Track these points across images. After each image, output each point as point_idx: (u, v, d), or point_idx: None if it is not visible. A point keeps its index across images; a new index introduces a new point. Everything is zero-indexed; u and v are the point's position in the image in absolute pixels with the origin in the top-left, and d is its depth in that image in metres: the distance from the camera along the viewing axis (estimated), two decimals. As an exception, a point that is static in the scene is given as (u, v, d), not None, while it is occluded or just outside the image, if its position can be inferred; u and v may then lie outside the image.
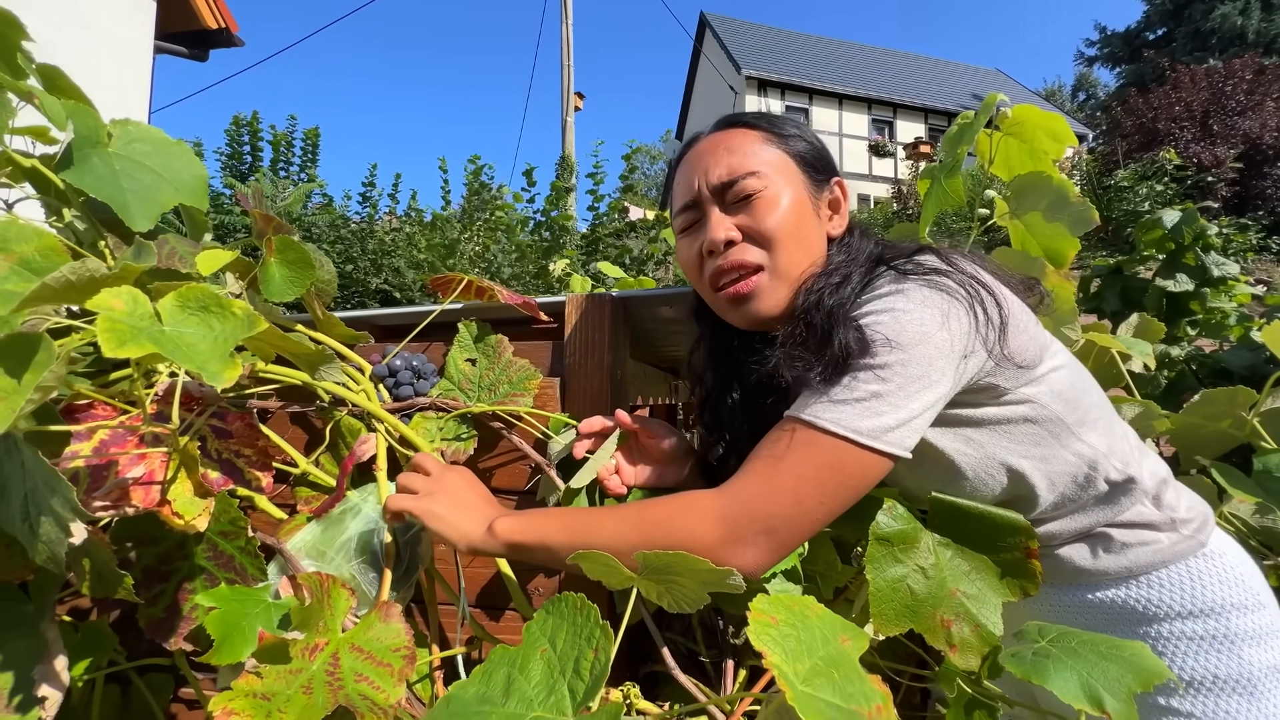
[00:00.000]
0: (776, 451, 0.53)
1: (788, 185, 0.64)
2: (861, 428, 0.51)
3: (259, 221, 0.73)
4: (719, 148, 0.66)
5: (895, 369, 0.52)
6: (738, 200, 0.64)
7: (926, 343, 0.53)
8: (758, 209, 0.63)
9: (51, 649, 0.51)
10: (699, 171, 0.66)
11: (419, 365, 0.78)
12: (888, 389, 0.52)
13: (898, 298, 0.56)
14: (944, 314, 0.54)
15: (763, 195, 0.63)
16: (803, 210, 0.65)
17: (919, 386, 0.52)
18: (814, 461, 0.52)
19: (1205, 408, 1.04)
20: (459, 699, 0.35)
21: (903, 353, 0.52)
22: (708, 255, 0.65)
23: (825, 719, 0.28)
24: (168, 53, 5.30)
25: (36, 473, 0.35)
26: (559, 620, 0.37)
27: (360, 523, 0.67)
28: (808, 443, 0.52)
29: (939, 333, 0.53)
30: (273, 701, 0.40)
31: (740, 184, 0.63)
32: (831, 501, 0.52)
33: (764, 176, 0.64)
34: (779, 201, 0.63)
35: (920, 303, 0.55)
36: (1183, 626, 0.61)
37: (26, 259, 0.43)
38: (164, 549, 0.54)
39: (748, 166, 0.64)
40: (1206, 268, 1.26)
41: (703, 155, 0.67)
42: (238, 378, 0.39)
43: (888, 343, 0.53)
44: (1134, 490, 0.63)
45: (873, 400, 0.52)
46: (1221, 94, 11.23)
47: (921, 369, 0.52)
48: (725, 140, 0.67)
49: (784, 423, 0.55)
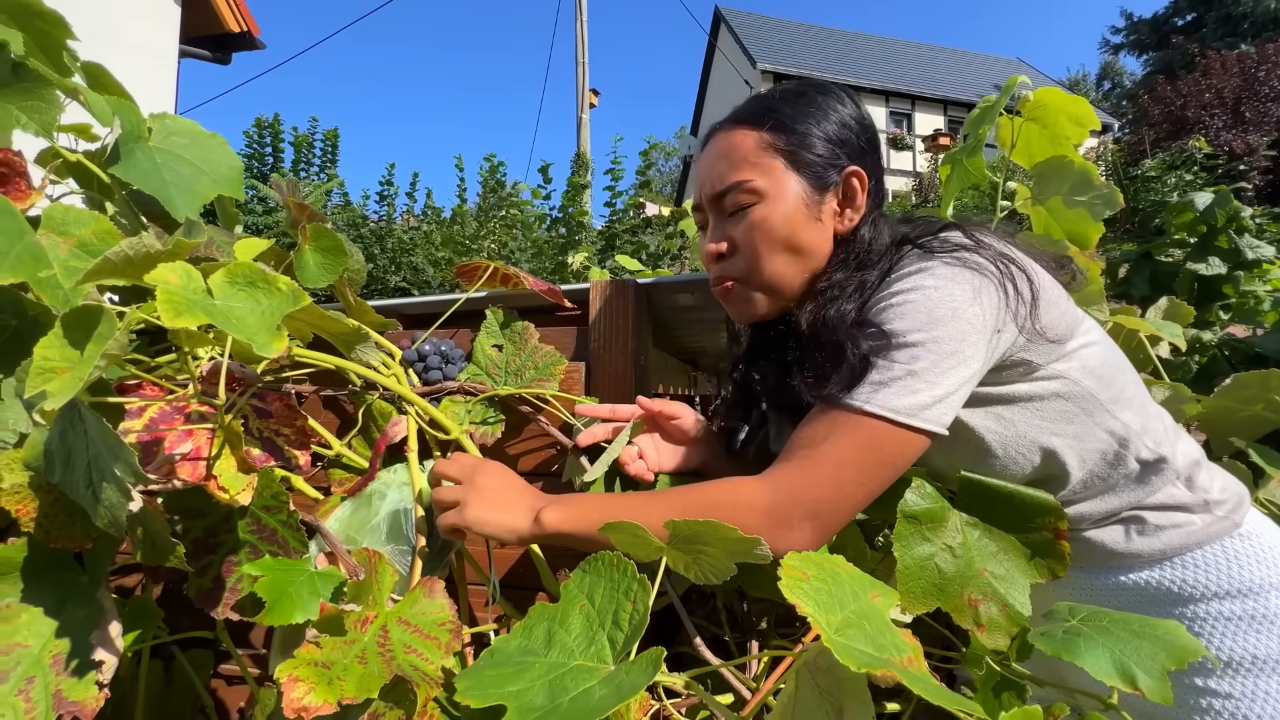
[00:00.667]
0: (816, 436, 0.54)
1: (780, 194, 0.64)
2: (898, 406, 0.52)
3: (294, 210, 0.75)
4: (718, 154, 0.67)
5: (929, 346, 0.52)
6: (731, 209, 0.66)
7: (958, 319, 0.53)
8: (747, 223, 0.65)
9: (107, 616, 0.54)
10: (701, 177, 0.69)
11: (447, 350, 0.80)
12: (922, 367, 0.52)
13: (925, 275, 0.56)
14: (974, 290, 0.54)
15: (751, 210, 0.64)
16: (794, 220, 0.64)
17: (953, 363, 0.52)
18: (853, 443, 0.52)
19: (1237, 391, 1.02)
20: (502, 651, 0.36)
21: (935, 330, 0.53)
22: (708, 260, 0.69)
23: (859, 663, 0.29)
24: (192, 56, 5.42)
25: (100, 440, 0.37)
26: (596, 577, 0.38)
27: (389, 503, 0.69)
28: (846, 425, 0.53)
29: (970, 308, 0.53)
30: (332, 670, 0.42)
31: (729, 198, 0.65)
32: (872, 482, 0.53)
33: (754, 190, 0.64)
34: (769, 214, 0.64)
35: (949, 279, 0.55)
36: (1219, 607, 0.61)
37: (84, 241, 0.45)
38: (210, 522, 0.56)
39: (738, 178, 0.64)
40: (1240, 250, 1.23)
41: (705, 159, 0.69)
42: (281, 352, 0.40)
43: (919, 321, 0.53)
44: (1165, 470, 0.63)
45: (908, 379, 0.52)
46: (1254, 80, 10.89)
47: (954, 345, 0.53)
48: (724, 145, 0.67)
49: (820, 407, 0.55)
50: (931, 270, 0.56)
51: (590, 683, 0.31)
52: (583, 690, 0.30)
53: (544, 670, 0.33)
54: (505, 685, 0.32)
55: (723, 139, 0.68)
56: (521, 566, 0.81)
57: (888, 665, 0.30)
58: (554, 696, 0.30)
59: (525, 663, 0.34)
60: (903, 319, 0.54)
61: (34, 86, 0.68)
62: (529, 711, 0.29)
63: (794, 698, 0.36)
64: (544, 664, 0.34)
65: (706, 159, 0.69)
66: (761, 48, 17.52)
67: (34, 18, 0.72)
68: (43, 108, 0.68)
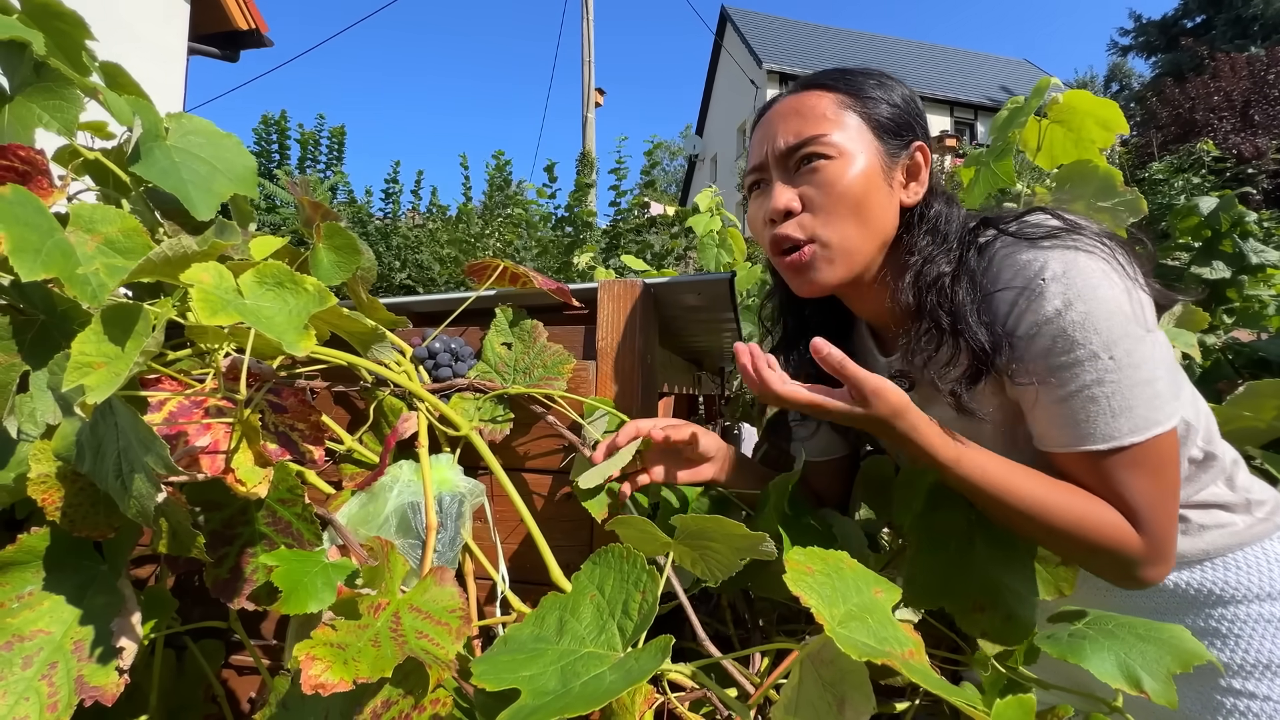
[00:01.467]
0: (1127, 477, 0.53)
1: (858, 154, 0.62)
2: (1159, 418, 0.52)
3: (307, 209, 0.76)
4: (791, 111, 0.65)
5: (1124, 346, 0.52)
6: (802, 167, 0.63)
7: (1116, 311, 0.52)
8: (821, 179, 0.62)
9: (128, 604, 0.55)
10: (768, 134, 0.65)
11: (457, 348, 0.81)
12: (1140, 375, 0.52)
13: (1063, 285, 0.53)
14: (1104, 275, 0.53)
15: (828, 164, 0.62)
16: (871, 182, 0.62)
17: (1148, 351, 0.53)
18: (1153, 466, 0.53)
19: (1250, 400, 1.02)
20: (515, 638, 0.37)
21: (1110, 331, 0.52)
22: (768, 222, 0.65)
23: (860, 653, 0.30)
24: (201, 54, 5.45)
25: (131, 431, 0.39)
26: (606, 569, 0.39)
27: (398, 498, 0.70)
28: (1140, 458, 0.53)
29: (1121, 298, 0.53)
30: (347, 651, 0.43)
31: (805, 149, 0.62)
32: (1179, 484, 0.55)
33: (831, 144, 0.62)
34: (845, 172, 0.61)
35: (1088, 274, 0.53)
36: (1260, 609, 0.61)
37: (111, 239, 0.46)
38: (228, 514, 0.57)
39: (815, 130, 0.62)
40: (1244, 254, 1.23)
41: (775, 118, 0.66)
42: (308, 350, 0.41)
43: (1096, 328, 0.52)
44: (1214, 467, 0.63)
45: (1142, 388, 0.52)
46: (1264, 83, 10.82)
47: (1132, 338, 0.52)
48: (799, 103, 0.65)
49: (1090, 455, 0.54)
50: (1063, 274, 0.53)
51: (601, 668, 0.32)
52: (594, 675, 0.31)
53: (556, 657, 0.34)
54: (519, 670, 0.33)
55: (793, 100, 0.66)
56: (528, 561, 0.82)
57: (888, 656, 0.31)
58: (566, 681, 0.31)
59: (538, 650, 0.35)
60: (1097, 333, 0.52)
61: (55, 86, 0.69)
62: (542, 695, 0.30)
63: (797, 689, 0.37)
64: (556, 651, 0.35)
65: (774, 118, 0.66)
66: (768, 47, 17.48)
67: (54, 18, 0.74)
68: (64, 107, 0.69)
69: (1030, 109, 0.94)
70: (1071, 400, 0.53)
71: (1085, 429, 0.53)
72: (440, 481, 0.70)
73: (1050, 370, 0.54)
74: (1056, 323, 0.53)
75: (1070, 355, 0.52)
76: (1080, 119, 0.95)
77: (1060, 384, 0.53)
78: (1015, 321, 0.55)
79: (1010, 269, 0.56)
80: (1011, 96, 1.05)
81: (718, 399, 2.41)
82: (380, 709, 0.46)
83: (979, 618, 0.56)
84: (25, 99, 0.69)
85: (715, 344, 1.64)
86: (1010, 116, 0.97)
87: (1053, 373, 0.53)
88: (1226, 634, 0.61)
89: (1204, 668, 0.52)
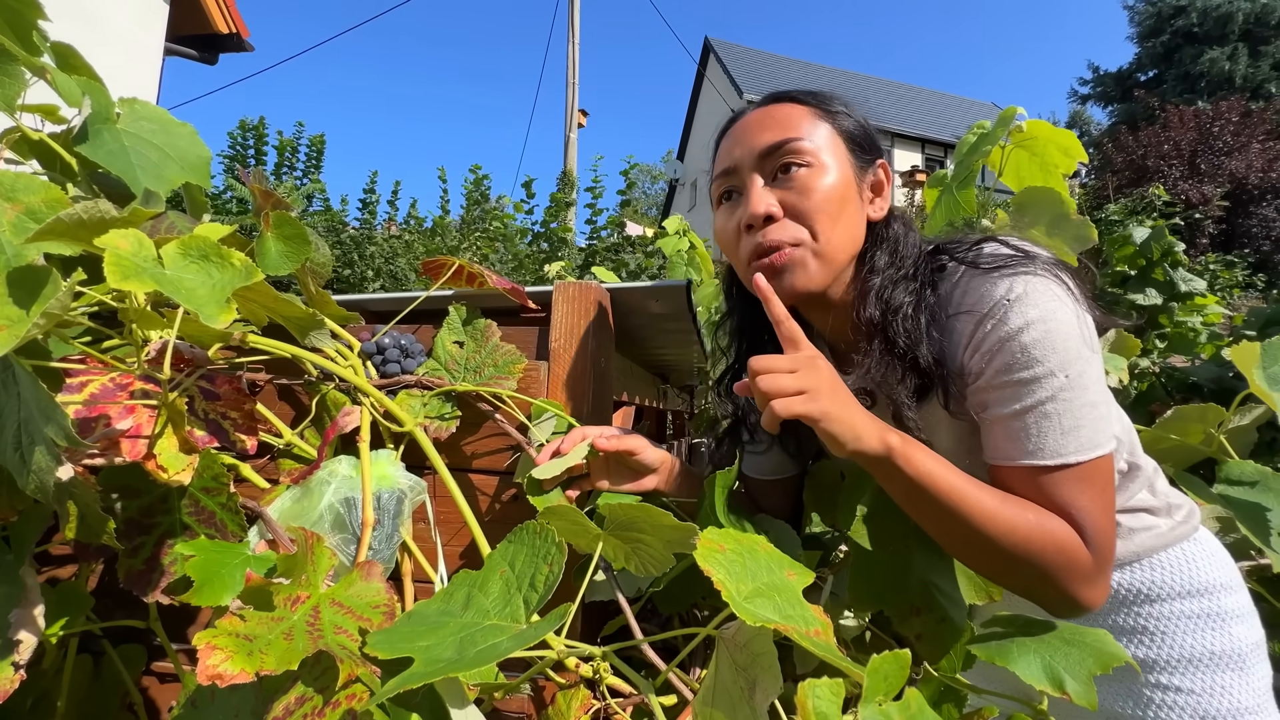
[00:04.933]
0: (1073, 493, 0.54)
1: (833, 163, 0.63)
2: (1101, 440, 0.54)
3: (258, 197, 0.75)
4: (766, 118, 0.65)
5: (1077, 368, 0.54)
6: (780, 171, 0.63)
7: (1071, 334, 0.54)
8: (801, 183, 0.61)
9: (29, 595, 0.52)
10: (742, 141, 0.65)
11: (407, 344, 0.80)
12: (1089, 396, 0.54)
13: (1025, 306, 0.55)
14: (1060, 300, 0.55)
15: (806, 171, 0.62)
16: (847, 190, 0.63)
17: (1096, 373, 0.55)
18: (1097, 486, 0.54)
19: (1177, 423, 1.07)
20: (420, 613, 0.36)
21: (1066, 352, 0.54)
22: (746, 230, 0.64)
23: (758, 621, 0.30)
24: (178, 55, 5.38)
25: (32, 401, 0.37)
26: (519, 546, 0.39)
27: (333, 493, 0.68)
28: (1085, 475, 0.54)
29: (1074, 321, 0.55)
30: (254, 643, 0.41)
31: (784, 151, 0.61)
32: (1114, 508, 0.56)
33: (809, 150, 0.62)
34: (823, 177, 0.62)
35: (1046, 297, 0.55)
36: (1182, 606, 0.64)
37: (33, 209, 0.45)
38: (147, 502, 0.55)
39: (794, 133, 0.62)
40: (1174, 283, 1.30)
41: (748, 127, 0.66)
42: (228, 324, 0.40)
43: (1054, 347, 0.54)
44: (1139, 477, 0.67)
45: (1088, 409, 0.54)
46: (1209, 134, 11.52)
47: (1083, 360, 0.54)
48: (772, 112, 0.65)
49: (1035, 470, 0.54)
50: (1021, 298, 0.55)
51: (500, 638, 0.31)
52: (490, 644, 0.30)
53: (457, 629, 0.33)
54: (416, 640, 0.32)
55: (765, 110, 0.66)
56: (470, 563, 0.80)
57: (789, 628, 0.31)
58: (462, 650, 0.31)
59: (440, 622, 0.35)
60: (1055, 351, 0.54)
61: (-2, 62, 0.68)
62: (435, 663, 0.29)
63: (714, 676, 0.37)
64: (458, 623, 0.34)
65: (748, 126, 0.66)
66: (749, 80, 18.00)
67: (3, -4, 0.72)
68: (6, 83, 0.67)
69: (996, 137, 0.97)
70: (1026, 415, 0.54)
71: (1036, 443, 0.54)
72: (380, 478, 0.68)
73: (1008, 385, 0.55)
74: (1019, 339, 0.54)
75: (1029, 371, 0.54)
76: (1043, 145, 0.98)
77: (1016, 399, 0.55)
78: (979, 342, 0.57)
79: (972, 295, 0.58)
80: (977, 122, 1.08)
81: (685, 415, 2.42)
82: (294, 705, 0.44)
83: (915, 621, 0.57)
84: (-35, 74, 0.67)
85: (684, 358, 1.65)
86: (976, 143, 1.00)
87: (1010, 387, 0.55)
88: (1153, 631, 0.64)
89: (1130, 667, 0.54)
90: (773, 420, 0.50)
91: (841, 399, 0.53)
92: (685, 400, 2.36)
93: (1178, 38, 20.00)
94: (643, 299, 0.94)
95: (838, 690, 0.27)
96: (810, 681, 0.27)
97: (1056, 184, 0.98)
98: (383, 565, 0.68)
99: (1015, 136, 0.99)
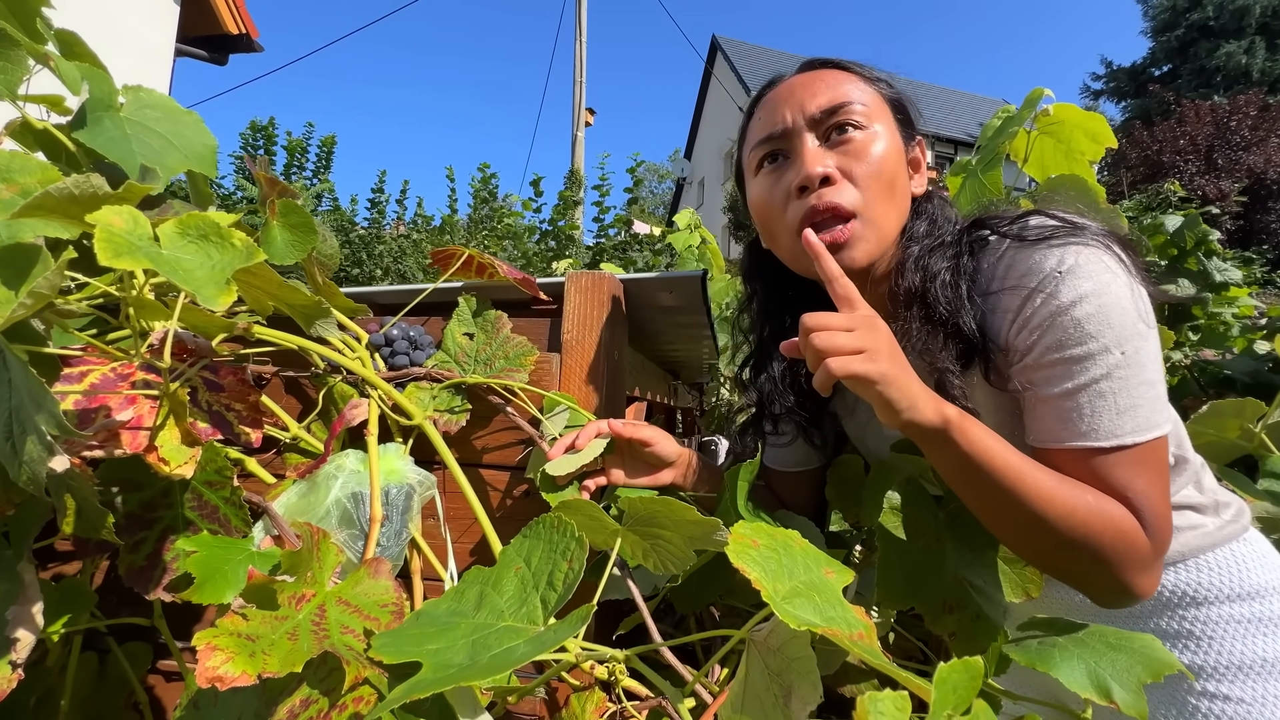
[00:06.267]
0: (1130, 476, 0.51)
1: (885, 130, 0.61)
2: (1159, 420, 0.51)
3: (264, 186, 0.73)
4: (815, 81, 0.62)
5: (1134, 344, 0.51)
6: (836, 131, 0.60)
7: (1126, 307, 0.52)
8: (857, 148, 0.59)
9: (27, 591, 0.51)
10: (790, 102, 0.61)
11: (416, 336, 0.78)
12: (1146, 375, 0.51)
13: (1078, 279, 0.52)
14: (1113, 272, 0.53)
15: (862, 136, 0.59)
16: (899, 159, 0.61)
17: (1152, 350, 0.52)
18: (1155, 469, 0.51)
19: (1213, 419, 1.03)
20: (429, 613, 0.34)
21: (1122, 327, 0.51)
22: (797, 192, 0.60)
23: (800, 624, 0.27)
24: (188, 56, 5.41)
25: (23, 387, 0.35)
26: (535, 541, 0.36)
27: (340, 488, 0.66)
28: (1142, 457, 0.51)
29: (1129, 295, 0.52)
30: (257, 644, 0.39)
31: (843, 113, 0.59)
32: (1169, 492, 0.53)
33: (865, 114, 0.60)
34: (879, 142, 0.60)
35: (1099, 270, 0.52)
36: (1230, 610, 0.60)
37: (29, 190, 0.43)
38: (148, 496, 0.53)
39: (849, 98, 0.60)
40: (1209, 273, 1.25)
41: (794, 88, 0.63)
42: (227, 305, 0.38)
43: (1110, 322, 0.51)
44: (1186, 471, 0.63)
45: (1145, 388, 0.51)
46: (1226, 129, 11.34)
47: (1140, 335, 0.52)
48: (820, 76, 0.63)
49: (1090, 452, 0.52)
50: (1080, 262, 0.52)
51: (516, 641, 0.29)
52: (505, 649, 0.28)
53: (469, 630, 0.31)
54: (426, 644, 0.30)
55: (813, 75, 0.63)
56: (480, 560, 0.78)
57: (833, 631, 0.28)
58: (475, 655, 0.28)
59: (451, 623, 0.32)
60: (1110, 327, 0.51)
61: (1, 48, 0.66)
62: (445, 669, 0.27)
63: (745, 683, 0.34)
64: (470, 624, 0.32)
65: (796, 87, 0.63)
66: (757, 77, 17.91)
67: (7, -19, 0.71)
68: (8, 68, 0.66)
69: (1023, 118, 0.93)
70: (1078, 394, 0.52)
71: (1090, 424, 0.51)
72: (388, 472, 0.66)
73: (1059, 362, 0.53)
74: (1071, 314, 0.51)
75: (1083, 348, 0.51)
76: (1070, 131, 0.94)
77: (1068, 377, 0.52)
78: (1028, 318, 0.54)
79: (1019, 267, 0.55)
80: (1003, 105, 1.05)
81: (695, 412, 2.39)
82: (298, 708, 0.42)
83: (948, 619, 0.54)
84: (-34, 59, 0.65)
85: (694, 354, 1.62)
86: (1002, 125, 0.97)
87: (1061, 365, 0.52)
88: (1200, 636, 0.60)
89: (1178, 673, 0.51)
90: (826, 380, 0.47)
91: (900, 363, 0.50)
92: (696, 397, 2.33)
93: (1193, 31, 19.68)
94: (656, 290, 0.91)
95: (903, 705, 0.25)
96: (872, 695, 0.25)
97: (1084, 172, 0.95)
98: (391, 562, 0.66)
99: (1041, 121, 0.95)
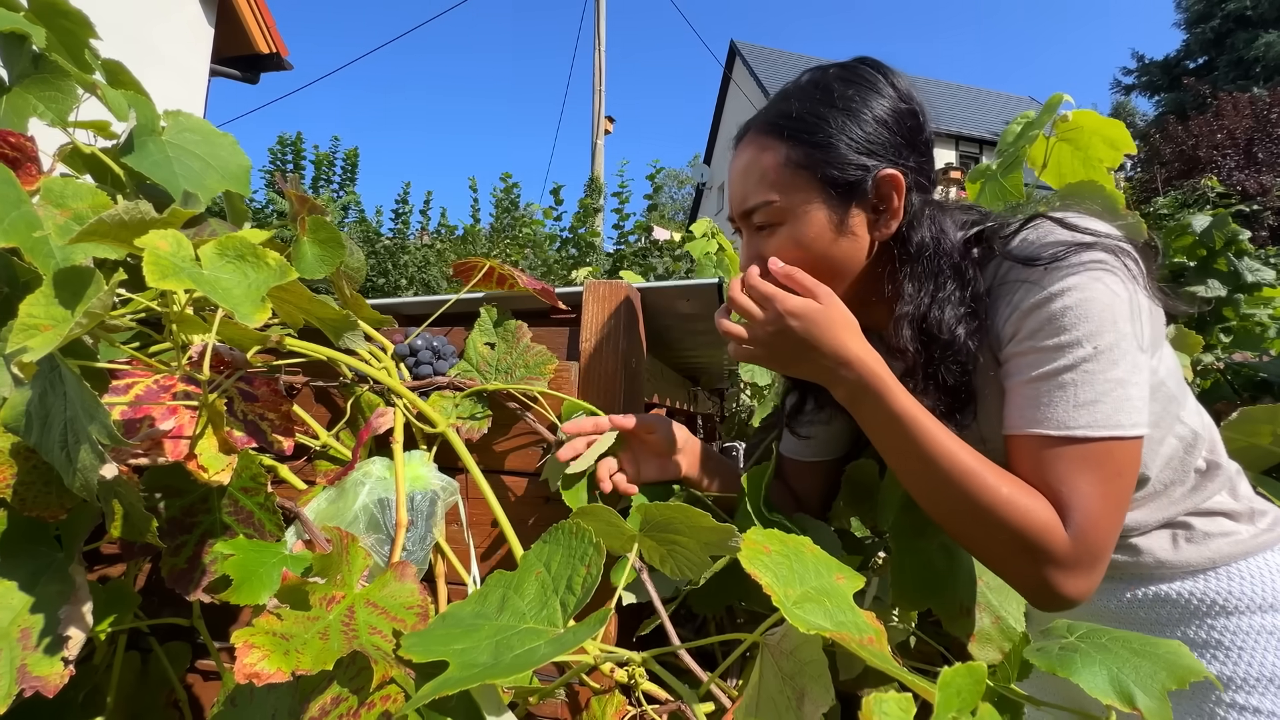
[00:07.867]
0: (1068, 471, 0.51)
1: (804, 215, 0.62)
2: (1123, 421, 0.50)
3: (294, 203, 0.76)
4: (742, 169, 0.67)
5: (1107, 340, 0.51)
6: (757, 230, 0.66)
7: (1106, 305, 0.52)
8: (779, 243, 0.64)
9: (78, 592, 0.54)
10: (729, 190, 0.69)
11: (439, 346, 0.80)
12: (1115, 373, 0.50)
13: (1071, 283, 0.52)
14: (1106, 283, 0.53)
15: (778, 230, 0.64)
16: (821, 240, 0.62)
17: (1132, 355, 0.52)
18: (1104, 471, 0.50)
19: (1245, 425, 1.01)
20: (454, 615, 0.35)
21: (1099, 323, 0.51)
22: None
23: (810, 628, 0.28)
24: (222, 75, 5.62)
25: (77, 400, 0.38)
26: (555, 546, 0.38)
27: (368, 494, 0.68)
28: (1090, 455, 0.50)
29: (1111, 295, 0.52)
30: (291, 642, 0.41)
31: (758, 215, 0.65)
32: (1127, 504, 0.52)
33: (776, 209, 0.63)
34: (792, 236, 0.63)
35: (1092, 284, 0.52)
36: (1262, 620, 0.59)
37: (80, 214, 0.46)
38: (188, 501, 0.56)
39: (761, 197, 0.64)
40: (1240, 273, 1.21)
41: (733, 173, 0.69)
42: (262, 322, 0.41)
43: (1086, 317, 0.51)
44: (1219, 477, 0.62)
45: (1112, 386, 0.50)
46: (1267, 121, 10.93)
47: (1116, 334, 0.51)
48: (747, 159, 0.67)
49: (1038, 440, 0.52)
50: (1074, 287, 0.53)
51: (537, 643, 0.30)
52: (527, 649, 0.29)
53: (493, 632, 0.32)
54: (452, 644, 0.32)
55: (747, 152, 0.67)
56: (503, 565, 0.80)
57: (843, 636, 0.29)
58: (498, 655, 0.30)
59: (475, 625, 0.34)
60: (1086, 320, 0.51)
61: (52, 78, 0.71)
62: (470, 667, 0.28)
63: (758, 685, 0.35)
64: (494, 626, 0.33)
65: (734, 171, 0.69)
66: (776, 81, 17.83)
67: (59, 16, 0.76)
68: (59, 98, 0.70)
69: (1043, 122, 0.92)
70: (1041, 382, 0.53)
71: (1045, 412, 0.52)
72: (413, 479, 0.68)
73: (1032, 350, 0.54)
74: (1050, 306, 0.53)
75: (1055, 339, 0.52)
76: (1088, 137, 0.93)
77: (1036, 365, 0.53)
78: (1016, 303, 0.55)
79: (1018, 270, 0.56)
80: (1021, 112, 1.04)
81: (715, 418, 2.39)
82: (329, 705, 0.44)
83: (965, 621, 0.54)
84: (22, 90, 0.70)
85: (714, 360, 1.62)
86: (1022, 130, 0.96)
87: (1034, 353, 0.53)
88: (1229, 646, 0.59)
89: (1204, 682, 0.50)
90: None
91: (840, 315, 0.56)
92: (716, 403, 2.33)
93: (1229, 22, 19.06)
94: (673, 299, 0.92)
95: (907, 706, 0.25)
96: (877, 696, 0.25)
97: (1102, 179, 0.93)
98: (416, 566, 0.68)
99: (1060, 128, 0.95)
